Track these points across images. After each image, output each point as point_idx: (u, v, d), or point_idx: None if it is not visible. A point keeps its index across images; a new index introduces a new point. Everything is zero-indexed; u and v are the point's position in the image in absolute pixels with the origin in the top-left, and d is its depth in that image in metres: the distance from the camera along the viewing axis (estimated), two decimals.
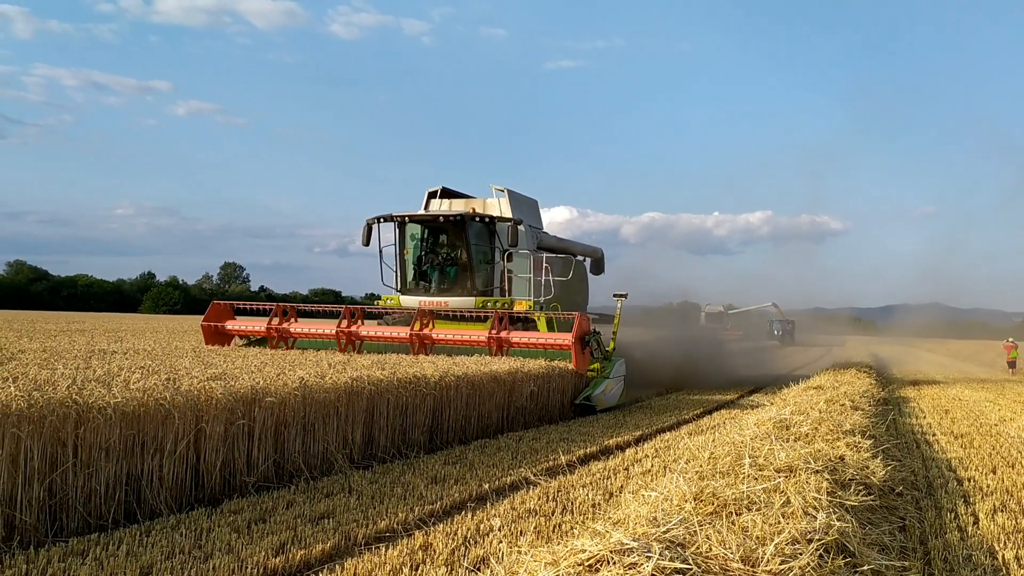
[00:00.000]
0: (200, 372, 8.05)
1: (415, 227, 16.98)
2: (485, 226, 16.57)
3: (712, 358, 25.93)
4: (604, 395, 14.06)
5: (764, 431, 7.04)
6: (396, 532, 5.86)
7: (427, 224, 16.91)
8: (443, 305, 15.97)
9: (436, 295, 16.42)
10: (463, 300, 16.09)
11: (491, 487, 7.37)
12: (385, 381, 8.99)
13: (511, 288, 16.58)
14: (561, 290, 17.09)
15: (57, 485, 5.66)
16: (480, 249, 16.58)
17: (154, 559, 5.04)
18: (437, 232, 17.02)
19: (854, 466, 6.09)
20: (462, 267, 16.50)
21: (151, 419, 6.33)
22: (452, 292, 16.38)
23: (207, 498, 6.69)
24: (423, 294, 16.55)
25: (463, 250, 16.44)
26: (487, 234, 16.64)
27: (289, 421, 7.63)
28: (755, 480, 4.95)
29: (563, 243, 19.97)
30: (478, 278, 16.39)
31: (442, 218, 16.45)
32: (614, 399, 14.66)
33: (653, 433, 11.45)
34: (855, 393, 12.48)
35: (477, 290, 16.26)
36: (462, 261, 16.48)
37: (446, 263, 16.72)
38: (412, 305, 16.02)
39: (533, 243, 17.50)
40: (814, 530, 4.00)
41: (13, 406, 5.45)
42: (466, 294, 16.21)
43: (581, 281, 20.10)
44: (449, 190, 18.03)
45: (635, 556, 3.30)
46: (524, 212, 17.79)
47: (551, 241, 19.05)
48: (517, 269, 16.67)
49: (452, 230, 16.69)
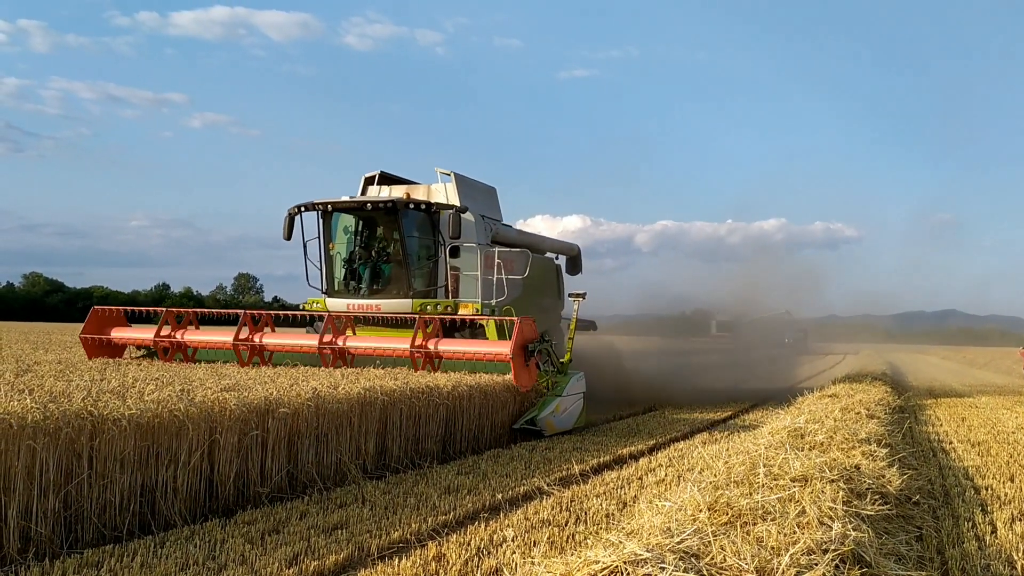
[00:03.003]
0: (214, 383, 8.08)
1: (348, 219, 14.67)
2: (426, 215, 14.14)
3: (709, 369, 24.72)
4: (554, 417, 11.79)
5: (778, 440, 7.00)
6: (409, 543, 5.86)
7: (356, 213, 14.53)
8: (374, 309, 13.76)
9: (367, 297, 14.08)
10: (398, 303, 13.75)
11: (504, 497, 7.36)
12: (398, 391, 9.00)
13: (459, 288, 14.33)
14: (523, 292, 14.98)
15: (72, 496, 5.69)
16: (420, 242, 14.24)
17: (168, 570, 5.06)
18: (373, 224, 14.62)
19: (870, 475, 6.04)
20: (398, 264, 14.13)
21: (165, 430, 6.37)
22: (386, 294, 14.03)
23: (221, 509, 6.71)
24: (352, 296, 14.20)
25: (397, 243, 14.06)
26: (428, 225, 14.21)
27: (302, 432, 7.64)
28: (770, 490, 4.92)
29: (527, 237, 17.20)
30: (416, 277, 14.08)
31: (370, 205, 14.00)
32: (568, 422, 12.26)
33: (667, 442, 11.41)
34: (870, 401, 12.39)
35: (415, 291, 13.94)
36: (397, 257, 14.12)
37: (380, 259, 14.34)
38: (340, 309, 13.91)
39: (487, 236, 14.95)
40: (830, 540, 3.96)
41: (29, 418, 5.48)
42: (402, 296, 13.87)
43: (550, 281, 17.65)
44: (388, 175, 15.67)
45: (649, 567, 3.28)
46: (476, 200, 15.28)
47: (511, 235, 16.30)
48: (464, 266, 14.30)
49: (384, 220, 14.30)
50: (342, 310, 13.78)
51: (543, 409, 11.66)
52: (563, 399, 12.06)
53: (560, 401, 11.97)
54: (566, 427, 12.18)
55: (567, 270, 19.32)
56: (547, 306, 16.72)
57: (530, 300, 15.33)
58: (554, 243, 19.02)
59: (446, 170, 14.99)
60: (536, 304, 15.59)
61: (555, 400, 11.90)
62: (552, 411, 11.76)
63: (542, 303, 16.29)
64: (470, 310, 13.60)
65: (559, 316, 17.44)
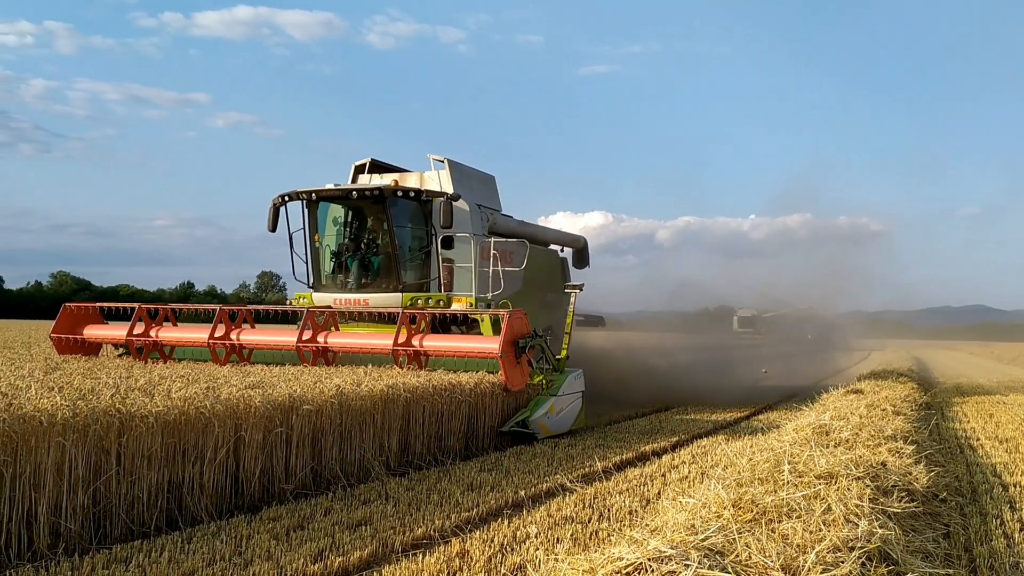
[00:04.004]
0: (239, 381, 8.15)
1: (338, 210, 13.91)
2: (418, 204, 13.38)
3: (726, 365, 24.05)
4: (548, 419, 10.85)
5: (803, 437, 6.96)
6: (433, 539, 5.88)
7: (342, 202, 13.75)
8: (363, 304, 13.00)
9: (355, 291, 13.35)
10: (387, 297, 12.99)
11: (527, 494, 7.37)
12: (421, 388, 9.03)
13: (453, 282, 13.49)
14: (524, 285, 14.32)
15: (101, 493, 5.77)
16: (412, 233, 13.48)
17: (196, 565, 5.11)
18: (361, 214, 13.83)
19: (896, 472, 5.99)
20: (387, 256, 13.36)
21: (192, 427, 6.44)
22: (375, 288, 13.30)
23: (246, 505, 6.77)
24: (339, 290, 13.50)
25: (386, 234, 13.29)
26: (420, 215, 13.43)
27: (326, 429, 7.69)
28: (795, 487, 4.89)
29: (528, 228, 16.21)
30: (407, 269, 13.31)
31: (355, 193, 13.25)
32: (565, 424, 11.38)
33: (690, 439, 11.37)
34: (896, 398, 12.27)
35: (405, 284, 13.17)
36: (387, 248, 13.35)
37: (369, 252, 13.56)
38: (327, 304, 13.19)
39: (483, 226, 14.11)
40: (856, 538, 3.94)
41: (58, 415, 5.57)
42: (391, 289, 13.12)
43: (554, 275, 16.68)
44: (380, 163, 14.82)
45: (673, 564, 3.28)
46: (472, 188, 14.40)
47: (511, 225, 15.40)
48: (459, 258, 13.47)
49: (371, 209, 13.55)
50: (329, 305, 13.11)
51: (536, 410, 10.75)
52: (558, 399, 11.15)
53: (555, 401, 11.04)
54: (562, 429, 11.26)
55: (573, 263, 18.55)
56: (551, 301, 15.85)
57: (532, 294, 14.67)
58: (559, 235, 18.10)
59: (439, 157, 14.14)
60: (539, 299, 14.92)
61: (549, 400, 11.01)
62: (546, 412, 10.81)
63: (545, 298, 15.44)
64: (464, 304, 12.81)
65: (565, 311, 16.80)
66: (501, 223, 14.89)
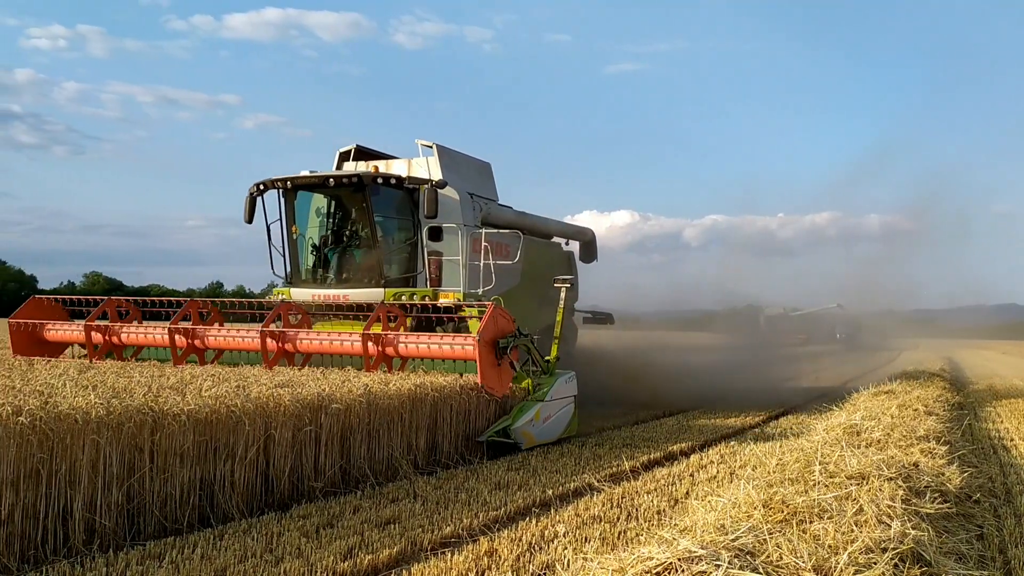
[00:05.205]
0: (268, 379, 8.23)
1: (321, 200, 12.97)
2: (403, 193, 12.45)
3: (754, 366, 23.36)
4: (533, 427, 9.77)
5: (834, 437, 6.90)
6: (461, 538, 5.90)
7: (320, 190, 12.81)
8: (341, 299, 12.03)
9: (334, 287, 12.45)
10: (368, 292, 12.04)
11: (555, 493, 7.37)
12: (448, 387, 9.06)
13: (441, 276, 12.56)
14: (522, 280, 13.53)
15: (135, 490, 5.85)
16: (396, 223, 12.62)
17: (227, 562, 5.17)
18: (342, 204, 12.90)
19: (929, 473, 5.92)
20: (369, 248, 12.44)
21: (223, 425, 6.51)
22: (355, 282, 12.34)
23: (276, 503, 6.84)
24: (318, 286, 12.61)
25: (365, 224, 12.38)
26: (406, 204, 12.52)
27: (354, 427, 7.75)
28: (826, 487, 4.85)
29: (527, 219, 15.07)
30: (390, 263, 12.43)
31: (332, 180, 12.32)
32: (553, 432, 10.27)
33: (717, 439, 11.30)
34: (928, 398, 12.11)
35: (388, 279, 12.26)
36: (367, 240, 12.43)
37: (350, 244, 12.66)
38: (306, 300, 12.28)
39: (474, 216, 13.16)
40: (889, 539, 3.90)
41: (93, 413, 5.66)
42: (373, 284, 12.18)
43: (557, 269, 15.12)
44: (366, 149, 13.90)
45: (704, 564, 3.27)
46: (464, 175, 13.48)
47: (508, 216, 14.34)
48: (447, 250, 12.50)
49: (351, 198, 12.60)
50: (307, 301, 12.23)
51: (519, 417, 9.67)
52: (546, 404, 10.07)
53: (541, 407, 9.95)
54: (550, 438, 10.17)
55: (580, 257, 17.50)
56: (554, 297, 14.55)
57: (531, 290, 13.79)
58: (563, 227, 16.99)
59: (428, 142, 13.21)
60: (539, 295, 13.86)
61: (535, 406, 9.89)
62: (530, 420, 9.72)
63: (547, 294, 13.68)
64: (451, 299, 11.75)
65: (572, 308, 15.85)
66: (497, 214, 14.00)
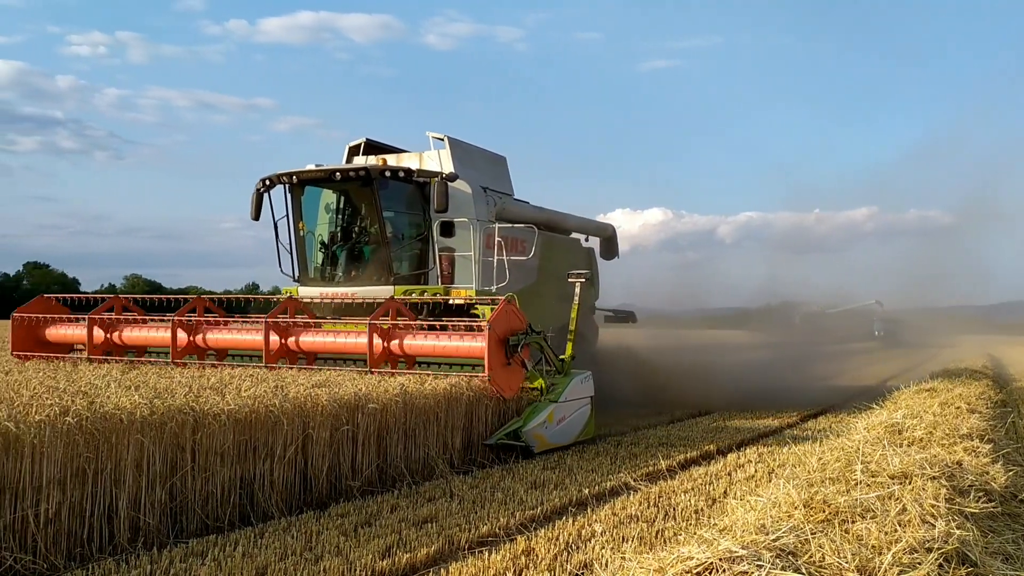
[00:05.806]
0: (306, 379, 8.31)
1: (331, 196, 12.66)
2: (414, 187, 12.11)
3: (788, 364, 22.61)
4: (546, 429, 9.37)
5: (875, 436, 6.79)
6: (498, 537, 5.91)
7: (327, 185, 12.44)
8: (350, 297, 11.69)
9: (343, 284, 12.13)
10: (377, 290, 11.67)
11: (591, 492, 7.35)
12: (484, 387, 9.08)
13: (454, 273, 12.18)
14: (539, 276, 13.17)
15: (177, 488, 5.96)
16: (406, 218, 12.31)
17: (268, 560, 5.24)
18: (352, 199, 12.59)
19: (973, 472, 5.80)
20: (378, 244, 12.10)
21: (262, 425, 6.60)
22: (364, 280, 12.00)
23: (315, 502, 6.91)
24: (326, 284, 12.31)
25: (374, 219, 12.06)
26: (417, 199, 12.19)
27: (391, 427, 7.80)
28: (868, 487, 4.78)
29: (544, 214, 14.58)
30: (400, 259, 12.09)
31: (339, 174, 11.85)
32: (568, 435, 9.85)
33: (755, 439, 11.19)
34: (971, 395, 11.87)
35: (397, 275, 11.91)
36: (376, 236, 12.11)
37: (360, 240, 12.35)
38: (314, 298, 12.02)
39: (488, 211, 12.66)
40: (933, 539, 3.83)
41: (137, 413, 5.78)
42: (382, 282, 11.81)
43: (576, 266, 13.96)
44: (376, 143, 13.54)
45: (745, 564, 3.24)
46: (478, 168, 13.09)
47: (524, 211, 13.93)
48: (460, 246, 12.12)
49: (360, 193, 12.25)
50: (315, 300, 11.96)
51: (531, 419, 9.29)
52: (560, 406, 9.66)
53: (555, 409, 9.55)
54: (564, 441, 9.78)
55: (601, 254, 17.05)
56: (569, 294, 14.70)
57: (549, 287, 13.29)
58: (582, 222, 16.39)
59: (439, 134, 12.88)
60: (557, 292, 13.12)
61: (548, 407, 9.49)
62: (543, 422, 9.34)
63: (564, 291, 12.82)
64: (463, 296, 11.57)
65: (592, 306, 15.48)
66: (512, 209, 13.57)
